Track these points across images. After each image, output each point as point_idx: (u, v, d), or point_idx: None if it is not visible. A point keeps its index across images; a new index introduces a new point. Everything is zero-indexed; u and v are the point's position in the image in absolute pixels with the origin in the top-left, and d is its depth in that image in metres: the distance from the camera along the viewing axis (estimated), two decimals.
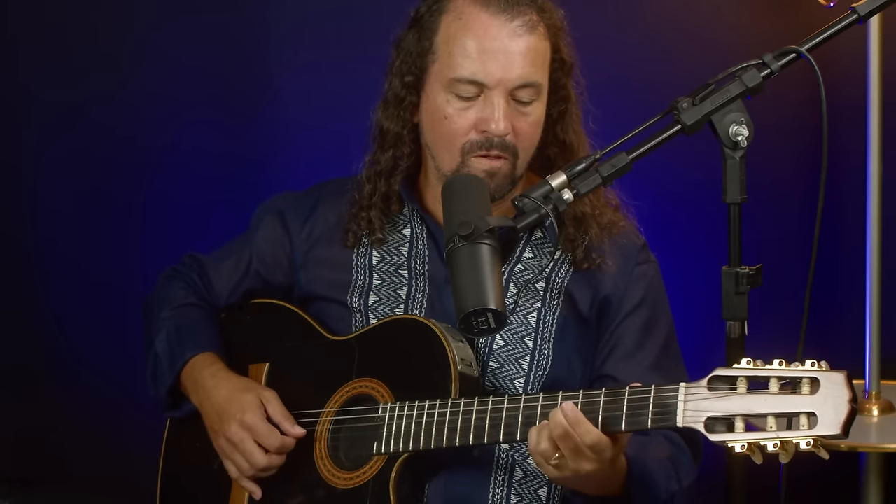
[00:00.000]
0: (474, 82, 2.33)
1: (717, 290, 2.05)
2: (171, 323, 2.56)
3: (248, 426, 2.37)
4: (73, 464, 3.67)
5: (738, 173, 2.04)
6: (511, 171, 2.37)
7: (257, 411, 2.38)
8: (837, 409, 1.92)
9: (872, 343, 3.26)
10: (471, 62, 2.32)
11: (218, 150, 3.56)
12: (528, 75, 2.33)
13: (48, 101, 3.57)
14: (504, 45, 2.32)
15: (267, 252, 2.59)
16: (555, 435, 2.09)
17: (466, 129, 2.35)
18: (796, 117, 3.32)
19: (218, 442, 2.42)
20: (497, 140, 2.34)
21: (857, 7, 2.09)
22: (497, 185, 2.36)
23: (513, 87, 2.33)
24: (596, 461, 2.10)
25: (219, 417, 2.41)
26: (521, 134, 2.36)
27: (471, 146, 2.35)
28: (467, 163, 2.36)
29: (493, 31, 2.32)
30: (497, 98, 2.33)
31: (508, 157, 2.36)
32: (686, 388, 2.04)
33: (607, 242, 2.43)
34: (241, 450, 2.37)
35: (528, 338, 2.41)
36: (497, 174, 2.36)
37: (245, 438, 2.37)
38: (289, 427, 2.37)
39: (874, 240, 3.25)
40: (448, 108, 2.36)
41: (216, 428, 2.42)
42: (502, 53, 2.32)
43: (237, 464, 2.39)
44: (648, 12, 3.41)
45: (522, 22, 2.33)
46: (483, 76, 2.32)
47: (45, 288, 3.65)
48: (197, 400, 2.48)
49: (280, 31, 3.51)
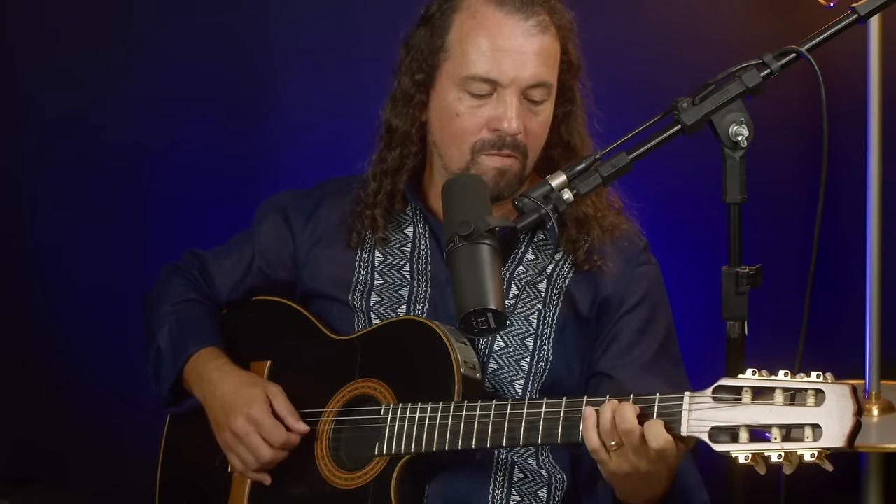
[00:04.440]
0: (488, 80, 2.33)
1: (717, 290, 2.05)
2: (174, 318, 2.56)
3: (255, 420, 2.37)
4: (72, 464, 3.67)
5: (738, 173, 2.04)
6: (521, 170, 2.37)
7: (264, 406, 2.38)
8: (843, 422, 1.91)
9: (872, 343, 3.26)
10: (485, 60, 2.33)
11: (218, 151, 3.55)
12: (541, 75, 2.34)
13: (47, 104, 3.57)
14: (518, 44, 2.32)
15: (270, 249, 2.59)
16: (621, 428, 2.06)
17: (478, 128, 2.35)
18: (796, 117, 3.32)
19: (222, 435, 2.42)
20: (509, 139, 2.34)
21: (857, 7, 2.09)
22: (507, 183, 2.36)
23: (526, 86, 2.33)
24: (658, 463, 2.08)
25: (224, 411, 2.41)
26: (531, 133, 2.36)
27: (482, 144, 2.36)
28: (477, 161, 2.36)
29: (507, 30, 2.33)
30: (510, 97, 2.33)
31: (519, 156, 2.36)
32: (691, 398, 2.03)
33: (609, 244, 2.43)
34: (246, 443, 2.37)
35: (528, 339, 2.41)
36: (508, 173, 2.36)
37: (251, 432, 2.37)
38: (294, 422, 2.37)
39: (874, 240, 3.25)
40: (460, 106, 2.36)
41: (221, 421, 2.42)
42: (516, 52, 2.32)
43: (242, 457, 2.39)
44: (649, 13, 3.41)
45: (536, 22, 2.34)
46: (497, 74, 2.32)
47: (45, 289, 3.65)
48: (200, 393, 2.47)
49: (280, 31, 3.51)
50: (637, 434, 2.05)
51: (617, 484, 2.19)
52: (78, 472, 3.67)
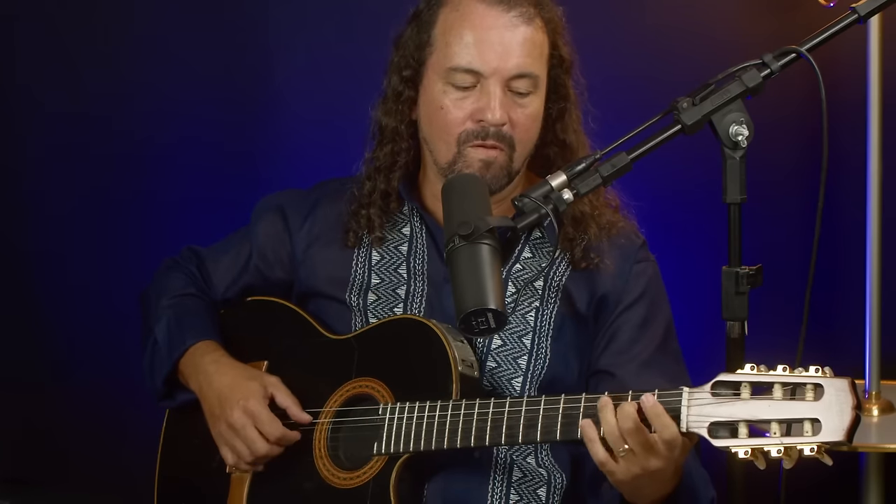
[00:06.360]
0: (471, 71, 2.33)
1: (717, 290, 2.05)
2: (172, 311, 2.56)
3: (251, 413, 2.37)
4: (72, 464, 3.67)
5: (738, 173, 2.04)
6: (507, 162, 2.37)
7: (261, 399, 2.38)
8: (842, 416, 1.91)
9: (872, 343, 3.26)
10: (467, 51, 2.33)
11: (218, 151, 3.55)
12: (525, 65, 2.34)
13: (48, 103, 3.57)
14: (500, 34, 2.33)
15: (267, 247, 2.59)
16: (624, 428, 2.06)
17: (463, 119, 2.35)
18: (796, 117, 3.32)
19: (217, 427, 2.42)
20: (493, 130, 2.34)
21: (857, 7, 2.09)
22: (493, 176, 2.36)
23: (509, 76, 2.33)
24: (666, 458, 2.08)
25: (220, 403, 2.41)
26: (517, 125, 2.36)
27: (467, 136, 2.35)
28: (463, 153, 2.36)
29: (489, 21, 2.33)
30: (493, 87, 2.33)
31: (504, 147, 2.36)
32: (690, 393, 2.03)
33: (606, 242, 2.43)
34: (241, 436, 2.37)
35: (525, 337, 2.41)
36: (493, 164, 2.36)
37: (247, 424, 2.36)
38: (297, 412, 2.37)
39: (874, 239, 3.25)
40: (445, 99, 2.36)
41: (217, 413, 2.41)
42: (499, 43, 2.33)
43: (236, 450, 2.39)
44: (648, 12, 3.41)
45: (519, 13, 2.34)
46: (479, 65, 2.33)
47: (45, 289, 3.65)
48: (196, 385, 2.47)
49: (280, 31, 3.51)
50: (644, 431, 2.04)
51: (625, 487, 2.18)
52: (78, 472, 3.67)
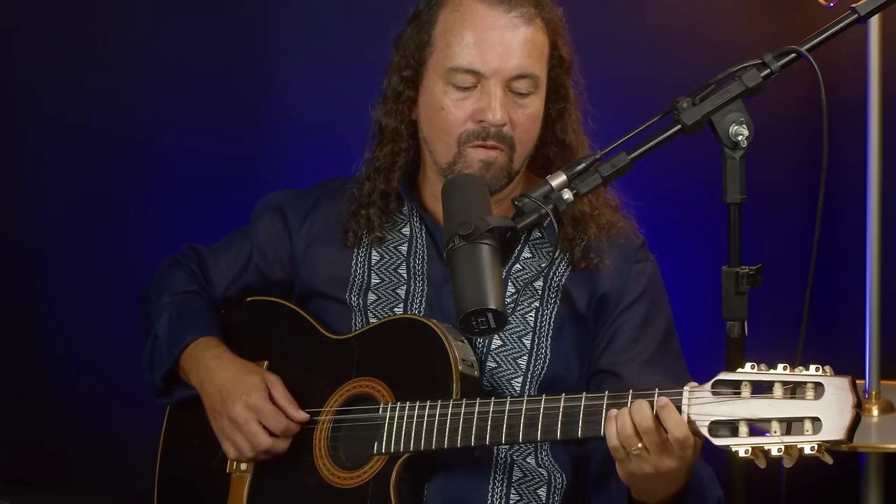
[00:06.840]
0: (471, 71, 2.33)
1: (717, 290, 2.05)
2: (174, 308, 2.56)
3: (254, 407, 2.37)
4: (72, 464, 3.67)
5: (738, 173, 2.04)
6: (507, 163, 2.37)
7: (263, 393, 2.38)
8: (842, 414, 1.92)
9: (872, 343, 3.26)
10: (468, 51, 2.33)
11: (218, 153, 3.55)
12: (525, 66, 2.34)
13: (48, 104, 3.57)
14: (501, 35, 2.33)
15: (267, 246, 2.59)
16: (641, 428, 2.06)
17: (463, 120, 2.35)
18: (796, 117, 3.32)
19: (219, 422, 2.42)
20: (493, 130, 2.34)
21: (857, 7, 2.09)
22: (493, 176, 2.36)
23: (510, 76, 2.33)
24: (679, 458, 2.07)
25: (221, 398, 2.41)
26: (518, 126, 2.36)
27: (467, 136, 2.35)
28: (463, 154, 2.36)
29: (490, 21, 2.33)
30: (494, 87, 2.33)
31: (505, 148, 2.36)
32: (690, 392, 2.04)
33: (605, 242, 2.43)
34: (244, 430, 2.37)
35: (525, 337, 2.41)
36: (493, 165, 2.36)
37: (249, 419, 2.36)
38: (293, 411, 2.37)
39: (874, 239, 3.25)
40: (445, 99, 2.36)
41: (218, 408, 2.41)
42: (499, 43, 2.33)
43: (237, 444, 2.39)
44: (648, 12, 3.42)
45: (520, 13, 2.34)
46: (480, 65, 2.33)
47: (45, 290, 3.65)
48: (197, 380, 2.47)
49: (280, 32, 3.51)
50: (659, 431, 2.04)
51: (634, 483, 2.17)
52: (78, 473, 3.67)
